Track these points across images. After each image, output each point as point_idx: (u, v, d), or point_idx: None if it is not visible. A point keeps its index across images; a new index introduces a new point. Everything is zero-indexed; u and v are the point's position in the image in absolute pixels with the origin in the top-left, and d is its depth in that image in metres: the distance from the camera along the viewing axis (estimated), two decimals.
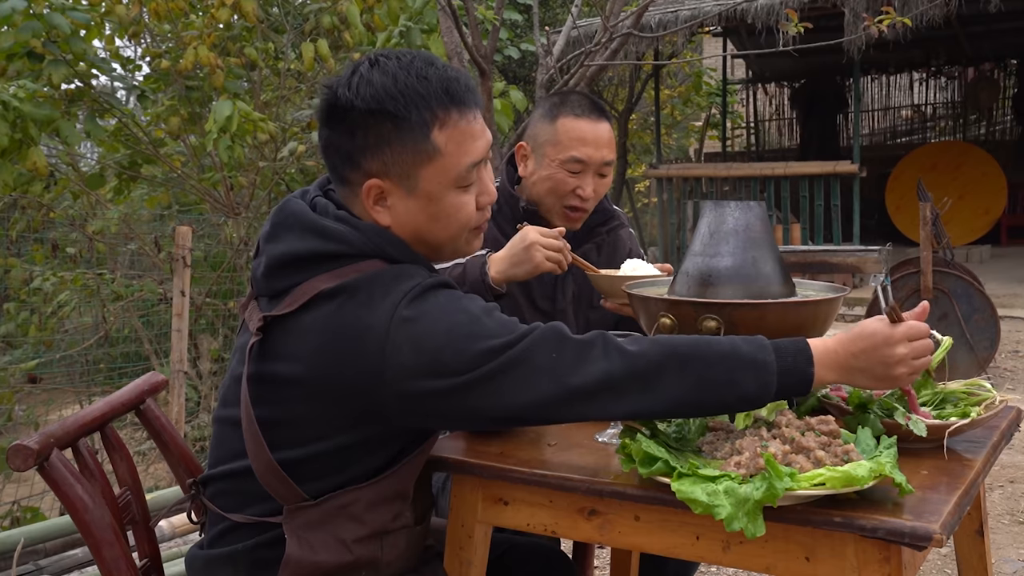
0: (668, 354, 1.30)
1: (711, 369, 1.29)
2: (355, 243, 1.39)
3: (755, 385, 1.29)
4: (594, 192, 2.13)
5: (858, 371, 1.34)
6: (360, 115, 1.38)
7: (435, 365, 1.29)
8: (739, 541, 1.30)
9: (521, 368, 1.29)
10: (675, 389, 1.29)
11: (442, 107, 1.39)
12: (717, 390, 1.29)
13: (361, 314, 1.32)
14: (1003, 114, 14.50)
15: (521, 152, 2.20)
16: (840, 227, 9.09)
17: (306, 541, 1.39)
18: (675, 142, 15.97)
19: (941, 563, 3.41)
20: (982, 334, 5.93)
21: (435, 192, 1.41)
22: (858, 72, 9.63)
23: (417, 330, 1.30)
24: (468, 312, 1.33)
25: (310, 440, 1.38)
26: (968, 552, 1.73)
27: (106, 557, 1.46)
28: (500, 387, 1.29)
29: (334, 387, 1.33)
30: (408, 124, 1.38)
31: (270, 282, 1.42)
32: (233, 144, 5.35)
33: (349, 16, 5.59)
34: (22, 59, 5.10)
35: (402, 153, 1.39)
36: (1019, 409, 1.71)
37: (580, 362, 1.30)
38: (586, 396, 1.29)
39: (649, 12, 8.49)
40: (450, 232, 1.46)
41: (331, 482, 1.40)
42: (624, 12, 5.06)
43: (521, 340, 1.30)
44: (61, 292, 5.86)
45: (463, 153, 1.42)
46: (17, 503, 4.30)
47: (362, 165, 1.41)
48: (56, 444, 1.47)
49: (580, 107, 2.12)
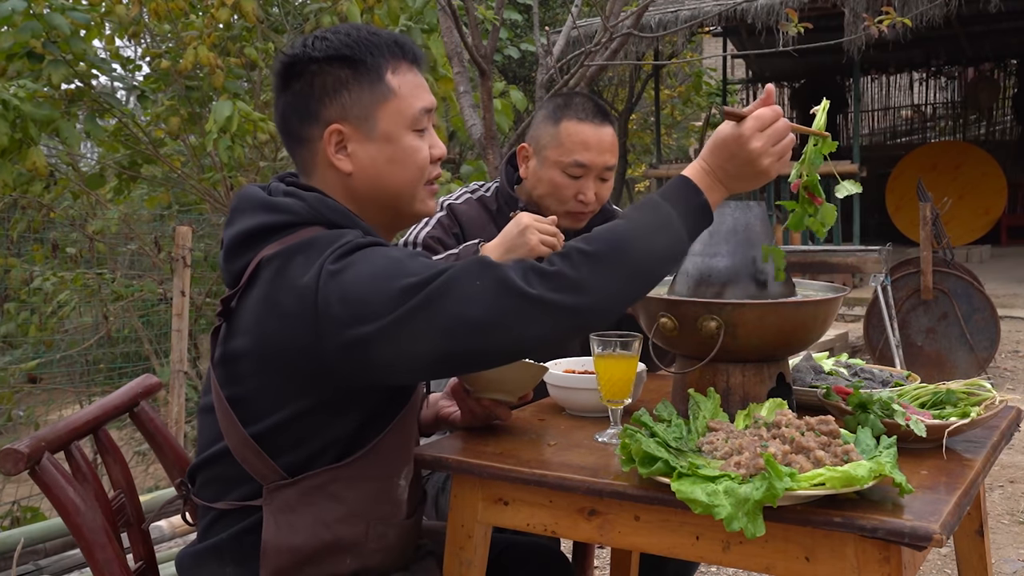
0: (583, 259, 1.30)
1: (627, 253, 1.31)
2: (299, 212, 1.42)
3: (669, 238, 1.35)
4: (596, 196, 2.13)
5: (734, 178, 1.41)
6: (317, 64, 1.46)
7: (361, 310, 1.29)
8: (739, 541, 1.30)
9: (446, 299, 1.27)
10: (604, 287, 1.29)
11: (394, 56, 1.49)
12: (642, 268, 1.33)
13: (297, 275, 1.34)
14: (1003, 114, 14.50)
15: (523, 153, 2.19)
16: (840, 227, 9.09)
17: (284, 523, 1.39)
18: (675, 142, 15.98)
19: (941, 563, 3.41)
20: (982, 334, 5.93)
21: (393, 132, 1.47)
22: (858, 72, 9.64)
23: (343, 280, 1.31)
24: (391, 257, 1.34)
25: (271, 410, 1.39)
26: (968, 552, 1.73)
27: (98, 559, 1.46)
28: (428, 322, 1.27)
29: (279, 352, 1.35)
30: (364, 67, 1.46)
31: (229, 265, 1.46)
32: (233, 144, 5.35)
33: (349, 16, 5.59)
34: (22, 59, 5.11)
35: (360, 94, 1.46)
36: (1019, 409, 1.71)
37: (503, 285, 1.27)
38: (516, 318, 1.26)
39: (649, 12, 8.49)
40: (408, 175, 1.49)
41: (302, 453, 1.40)
42: (624, 12, 5.05)
43: (443, 273, 1.29)
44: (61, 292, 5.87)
45: (415, 97, 1.49)
46: (17, 503, 4.31)
47: (321, 114, 1.46)
48: (47, 448, 1.48)
49: (584, 111, 2.11)
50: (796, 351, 1.60)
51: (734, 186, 1.42)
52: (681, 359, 1.61)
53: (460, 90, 5.04)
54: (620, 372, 1.53)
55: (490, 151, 4.77)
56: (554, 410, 1.80)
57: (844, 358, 1.91)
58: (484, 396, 1.62)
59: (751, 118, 1.40)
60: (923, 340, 6.03)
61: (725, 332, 1.47)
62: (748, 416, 1.46)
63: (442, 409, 1.70)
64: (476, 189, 2.29)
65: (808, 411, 1.51)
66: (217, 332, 1.45)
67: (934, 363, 6.00)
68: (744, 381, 1.54)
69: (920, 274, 5.95)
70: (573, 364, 1.86)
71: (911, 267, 6.06)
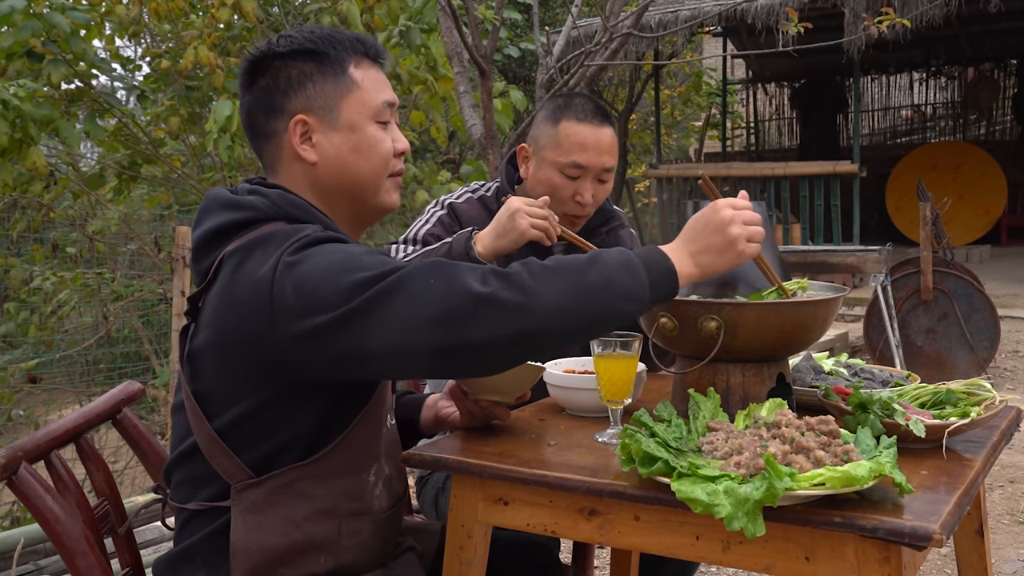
0: (539, 270, 1.31)
1: (584, 272, 1.31)
2: (261, 208, 1.44)
3: (629, 280, 1.33)
4: (593, 198, 2.12)
5: (702, 252, 1.43)
6: (281, 59, 1.49)
7: (314, 301, 1.29)
8: (739, 541, 1.30)
9: (397, 295, 1.27)
10: (555, 297, 1.28)
11: (356, 51, 1.53)
12: (596, 292, 1.31)
13: (253, 268, 1.35)
14: (1003, 114, 14.49)
15: (523, 154, 2.19)
16: (840, 227, 9.09)
17: (253, 523, 1.40)
18: (675, 142, 15.98)
19: (941, 563, 3.41)
20: (982, 334, 5.93)
21: (356, 122, 1.50)
22: (858, 72, 9.63)
23: (298, 272, 1.32)
24: (347, 252, 1.35)
25: (231, 403, 1.40)
26: (968, 552, 1.73)
27: (80, 567, 1.45)
28: (379, 316, 1.27)
29: (235, 343, 1.37)
30: (328, 59, 1.50)
31: (196, 265, 1.49)
32: (233, 144, 5.36)
33: (349, 16, 5.59)
34: (22, 59, 5.11)
35: (323, 86, 1.49)
36: (1019, 409, 1.71)
37: (456, 283, 1.28)
38: (465, 314, 1.26)
39: (649, 12, 8.49)
40: (372, 164, 1.51)
41: (265, 449, 1.41)
42: (624, 12, 5.05)
43: (398, 270, 1.30)
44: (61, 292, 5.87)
45: (378, 91, 1.53)
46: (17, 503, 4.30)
47: (286, 106, 1.49)
48: (24, 457, 1.48)
49: (583, 111, 2.11)
50: (796, 351, 1.60)
51: (704, 260, 1.43)
52: (681, 359, 1.61)
53: (460, 90, 5.04)
54: (620, 372, 1.54)
55: (490, 151, 4.77)
56: (554, 410, 1.80)
57: (844, 358, 1.91)
58: (482, 398, 1.62)
59: (726, 199, 1.46)
60: (923, 340, 6.03)
61: (725, 332, 1.47)
62: (748, 416, 1.45)
63: (441, 410, 1.71)
64: (477, 188, 2.29)
65: (808, 411, 1.51)
66: (186, 331, 1.48)
67: (934, 363, 6.00)
68: (744, 381, 1.54)
69: (920, 274, 5.95)
70: (573, 364, 1.86)
71: (911, 267, 6.06)
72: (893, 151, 13.77)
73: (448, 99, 5.97)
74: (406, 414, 1.76)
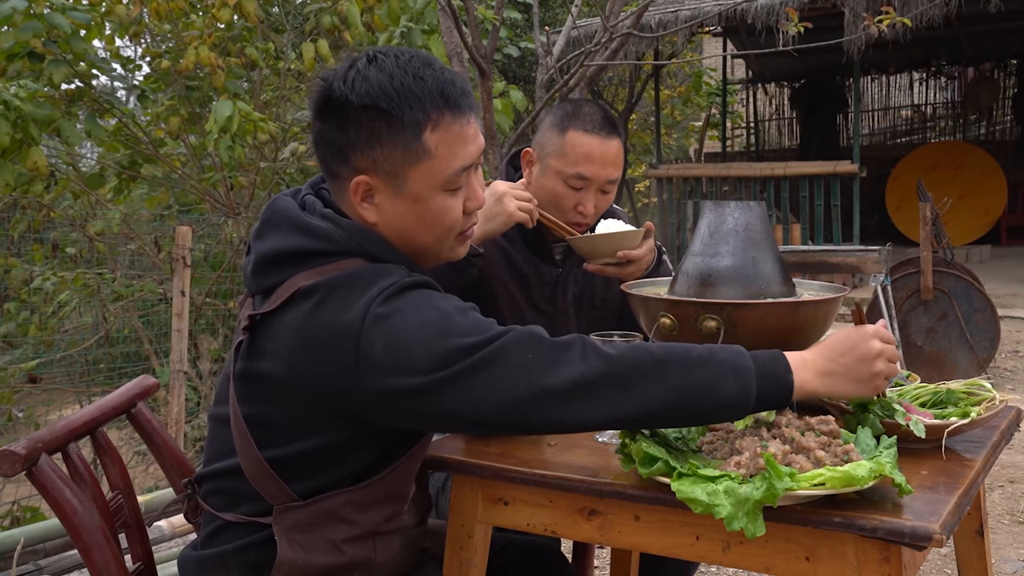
0: (646, 358, 1.27)
1: (690, 373, 1.26)
2: (338, 240, 1.38)
3: (735, 389, 1.27)
4: (595, 208, 2.11)
5: (837, 375, 1.34)
6: (353, 110, 1.38)
7: (406, 362, 1.26)
8: (739, 541, 1.30)
9: (494, 367, 1.26)
10: (654, 393, 1.26)
11: (436, 109, 1.38)
12: (697, 395, 1.26)
13: (338, 311, 1.30)
14: (1003, 114, 14.49)
15: (527, 158, 2.18)
16: (840, 227, 9.09)
17: (297, 543, 1.39)
18: (675, 142, 15.98)
19: (941, 563, 3.41)
20: (982, 334, 5.93)
21: (422, 193, 1.40)
22: (858, 72, 9.63)
23: (390, 327, 1.28)
24: (441, 310, 1.31)
25: (294, 438, 1.38)
26: (968, 552, 1.73)
27: (96, 560, 1.46)
28: (472, 386, 1.26)
29: (311, 385, 1.33)
30: (401, 123, 1.37)
31: (258, 280, 1.43)
32: (233, 144, 5.36)
33: (349, 16, 5.60)
34: (22, 59, 5.11)
35: (392, 151, 1.38)
36: (1019, 409, 1.71)
37: (556, 363, 1.26)
38: (561, 397, 1.26)
39: (649, 12, 8.49)
40: (435, 235, 1.44)
41: (319, 481, 1.40)
42: (624, 12, 5.05)
43: (495, 340, 1.27)
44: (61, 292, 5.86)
45: (453, 156, 1.40)
46: (17, 503, 4.30)
47: (352, 160, 1.40)
48: (44, 449, 1.48)
49: (591, 122, 2.06)
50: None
51: (836, 383, 1.34)
52: None
53: None
54: None
55: (490, 151, 4.78)
56: None
57: None
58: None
59: (874, 326, 1.37)
60: (923, 340, 6.03)
61: (725, 332, 1.47)
62: (747, 417, 1.45)
63: None
64: None
65: (808, 411, 1.51)
66: (239, 345, 1.40)
67: (934, 363, 6.00)
68: None
69: (920, 274, 5.94)
70: None
71: (911, 267, 6.06)
72: (893, 151, 13.77)
73: None
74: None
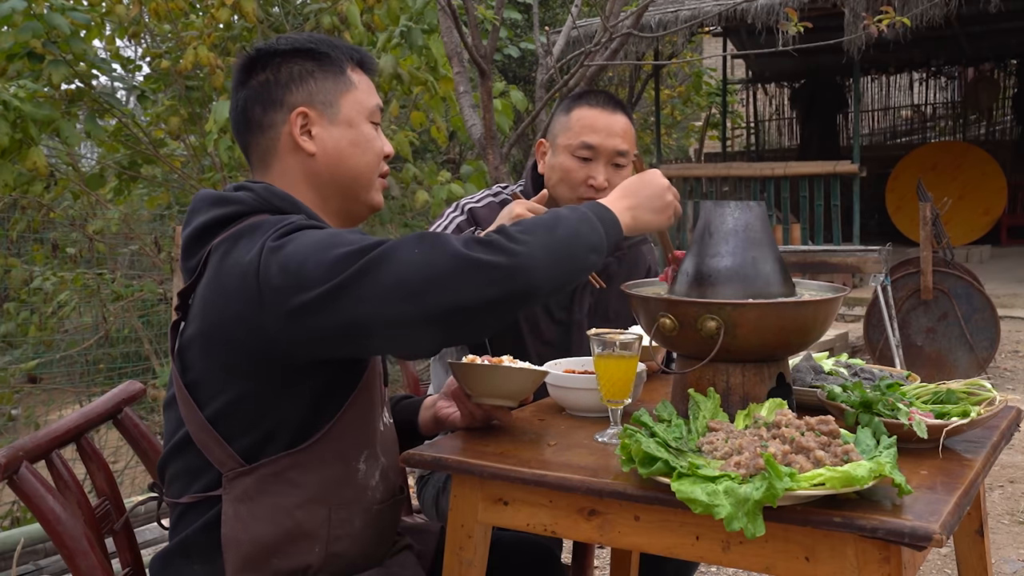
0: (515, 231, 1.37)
1: (554, 231, 1.40)
2: (247, 202, 1.48)
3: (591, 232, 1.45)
4: (608, 182, 2.10)
5: (640, 207, 1.59)
6: (282, 55, 1.56)
7: (300, 278, 1.31)
8: (739, 541, 1.30)
9: (384, 265, 1.29)
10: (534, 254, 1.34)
11: (352, 57, 1.61)
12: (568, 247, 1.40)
13: (239, 256, 1.38)
14: (1003, 114, 14.50)
15: (540, 149, 2.21)
16: (840, 227, 9.08)
17: (244, 512, 1.42)
18: (675, 142, 15.97)
19: (941, 563, 3.41)
20: (982, 334, 5.93)
21: (354, 119, 1.58)
22: (858, 72, 9.63)
23: (284, 253, 1.34)
24: (330, 231, 1.39)
25: (223, 388, 1.42)
26: (968, 552, 1.73)
27: (80, 567, 1.45)
28: (368, 287, 1.29)
29: (224, 330, 1.39)
30: (328, 59, 1.57)
31: (186, 263, 1.51)
32: (233, 144, 5.35)
33: (349, 16, 5.59)
34: (22, 59, 5.11)
35: (324, 82, 1.56)
36: (1019, 409, 1.71)
37: (441, 249, 1.31)
38: (455, 278, 1.29)
39: (649, 12, 8.49)
40: (367, 159, 1.58)
41: (255, 436, 1.43)
42: (624, 12, 5.05)
43: (383, 243, 1.33)
44: (61, 292, 5.87)
45: (371, 94, 1.62)
46: (17, 503, 4.30)
47: (286, 100, 1.54)
48: (26, 457, 1.48)
49: (596, 99, 2.15)
50: (796, 351, 1.60)
51: (640, 215, 1.58)
52: (681, 359, 1.61)
53: (460, 90, 5.04)
54: (620, 372, 1.54)
55: (490, 151, 4.77)
56: (554, 410, 1.80)
57: (844, 358, 1.91)
58: (484, 401, 1.61)
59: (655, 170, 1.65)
60: (923, 340, 6.03)
61: (725, 332, 1.47)
62: (748, 416, 1.46)
63: (440, 410, 1.71)
64: (499, 192, 2.27)
65: (808, 411, 1.52)
66: (176, 326, 1.50)
67: (934, 363, 6.00)
68: (744, 381, 1.54)
69: (920, 274, 5.95)
70: (573, 364, 1.86)
71: (911, 267, 6.06)
72: (893, 151, 13.77)
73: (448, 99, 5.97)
74: (405, 416, 1.77)
